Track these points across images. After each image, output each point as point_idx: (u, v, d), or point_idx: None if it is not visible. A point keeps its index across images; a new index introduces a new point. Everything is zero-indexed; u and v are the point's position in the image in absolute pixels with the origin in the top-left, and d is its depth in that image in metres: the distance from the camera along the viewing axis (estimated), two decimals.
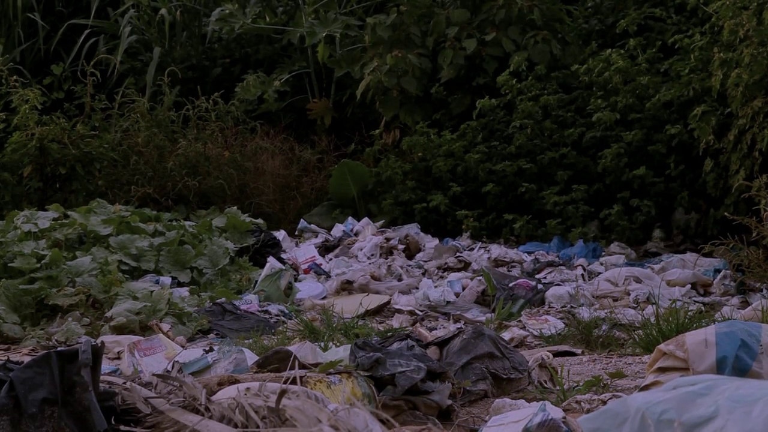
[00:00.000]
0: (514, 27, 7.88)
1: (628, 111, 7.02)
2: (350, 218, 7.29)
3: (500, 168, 7.22)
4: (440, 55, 7.91)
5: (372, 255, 6.28)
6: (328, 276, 5.77)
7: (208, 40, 9.66)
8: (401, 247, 6.50)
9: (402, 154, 7.84)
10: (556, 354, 3.58)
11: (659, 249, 6.68)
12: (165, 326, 4.26)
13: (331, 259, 6.26)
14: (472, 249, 6.53)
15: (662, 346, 2.57)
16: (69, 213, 5.84)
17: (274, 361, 3.02)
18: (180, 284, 5.25)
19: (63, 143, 7.38)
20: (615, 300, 5.00)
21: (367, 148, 8.10)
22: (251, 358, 3.15)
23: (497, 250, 6.33)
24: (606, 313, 4.48)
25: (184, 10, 9.64)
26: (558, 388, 2.87)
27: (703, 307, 4.72)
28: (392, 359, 2.60)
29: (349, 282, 5.40)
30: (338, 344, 3.57)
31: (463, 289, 5.22)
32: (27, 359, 2.19)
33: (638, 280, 5.23)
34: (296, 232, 7.26)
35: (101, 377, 2.22)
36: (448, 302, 5.01)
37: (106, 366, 3.41)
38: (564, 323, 4.30)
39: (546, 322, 4.36)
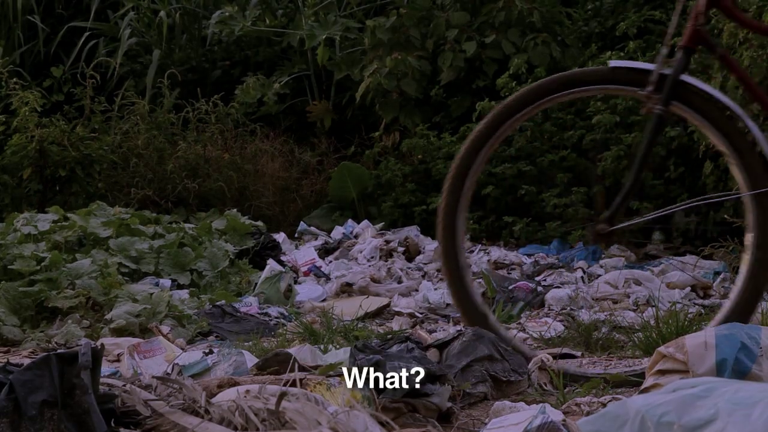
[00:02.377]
0: (513, 29, 7.89)
1: (628, 113, 7.02)
2: (350, 220, 7.29)
3: (500, 170, 7.22)
4: (440, 58, 7.91)
5: (372, 257, 6.28)
6: (327, 278, 5.77)
7: (208, 43, 9.66)
8: (401, 249, 6.49)
9: (402, 156, 7.84)
10: (556, 356, 3.58)
11: (659, 251, 6.68)
12: (165, 328, 4.25)
13: (330, 262, 6.26)
14: (472, 251, 6.52)
15: (662, 349, 2.56)
16: (69, 215, 5.83)
17: (274, 364, 3.02)
18: (180, 286, 5.24)
19: (63, 145, 7.38)
20: (615, 302, 4.99)
21: (366, 151, 8.10)
22: (251, 360, 3.14)
23: (497, 252, 6.33)
24: (606, 315, 4.47)
25: (183, 13, 9.64)
26: (558, 390, 2.86)
27: (702, 310, 4.70)
28: (392, 362, 2.60)
29: (349, 284, 5.39)
30: (338, 347, 3.57)
31: None
32: (27, 361, 2.19)
33: (638, 283, 5.22)
34: (296, 235, 7.26)
35: (101, 379, 2.22)
36: (448, 304, 4.99)
37: (105, 368, 3.40)
38: (564, 326, 4.29)
39: (546, 324, 4.35)
